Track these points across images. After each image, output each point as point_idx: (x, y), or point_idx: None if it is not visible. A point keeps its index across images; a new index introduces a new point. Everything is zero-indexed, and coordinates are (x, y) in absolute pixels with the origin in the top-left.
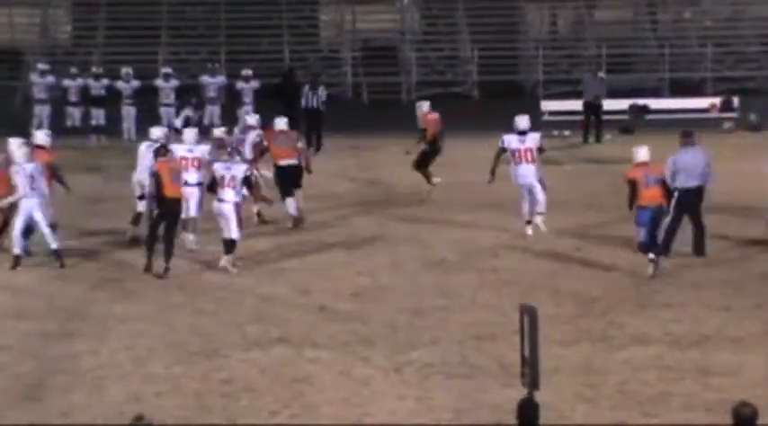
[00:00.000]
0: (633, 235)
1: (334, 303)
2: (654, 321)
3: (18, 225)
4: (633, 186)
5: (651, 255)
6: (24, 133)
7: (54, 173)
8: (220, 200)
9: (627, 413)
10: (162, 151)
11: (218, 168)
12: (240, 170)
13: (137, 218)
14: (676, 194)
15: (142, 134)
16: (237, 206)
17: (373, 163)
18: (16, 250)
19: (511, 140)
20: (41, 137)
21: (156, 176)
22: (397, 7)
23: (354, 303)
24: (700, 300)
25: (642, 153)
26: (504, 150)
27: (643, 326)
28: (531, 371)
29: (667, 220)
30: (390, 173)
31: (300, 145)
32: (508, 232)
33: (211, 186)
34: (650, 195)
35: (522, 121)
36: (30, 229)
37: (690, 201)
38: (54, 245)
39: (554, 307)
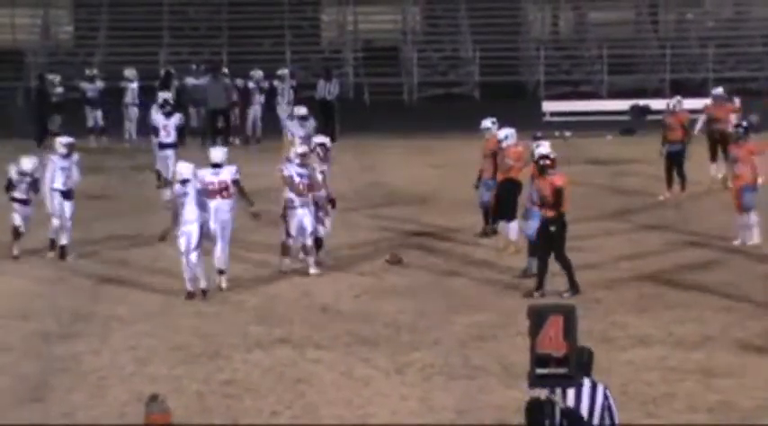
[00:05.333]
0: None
1: (336, 304)
2: (657, 322)
3: None
4: None
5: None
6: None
7: None
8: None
9: (630, 414)
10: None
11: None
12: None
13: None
14: None
15: (144, 134)
16: None
17: (375, 163)
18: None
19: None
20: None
21: None
22: (399, 8)
23: (356, 304)
24: (703, 301)
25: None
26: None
27: (646, 327)
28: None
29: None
30: (392, 173)
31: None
32: None
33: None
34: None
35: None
36: None
37: None
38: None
39: None
